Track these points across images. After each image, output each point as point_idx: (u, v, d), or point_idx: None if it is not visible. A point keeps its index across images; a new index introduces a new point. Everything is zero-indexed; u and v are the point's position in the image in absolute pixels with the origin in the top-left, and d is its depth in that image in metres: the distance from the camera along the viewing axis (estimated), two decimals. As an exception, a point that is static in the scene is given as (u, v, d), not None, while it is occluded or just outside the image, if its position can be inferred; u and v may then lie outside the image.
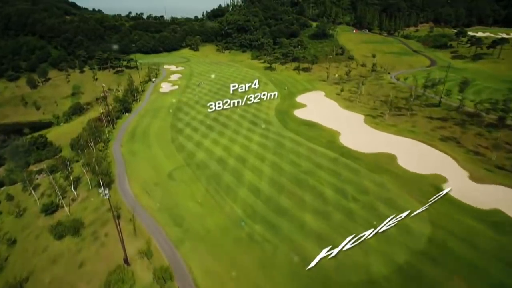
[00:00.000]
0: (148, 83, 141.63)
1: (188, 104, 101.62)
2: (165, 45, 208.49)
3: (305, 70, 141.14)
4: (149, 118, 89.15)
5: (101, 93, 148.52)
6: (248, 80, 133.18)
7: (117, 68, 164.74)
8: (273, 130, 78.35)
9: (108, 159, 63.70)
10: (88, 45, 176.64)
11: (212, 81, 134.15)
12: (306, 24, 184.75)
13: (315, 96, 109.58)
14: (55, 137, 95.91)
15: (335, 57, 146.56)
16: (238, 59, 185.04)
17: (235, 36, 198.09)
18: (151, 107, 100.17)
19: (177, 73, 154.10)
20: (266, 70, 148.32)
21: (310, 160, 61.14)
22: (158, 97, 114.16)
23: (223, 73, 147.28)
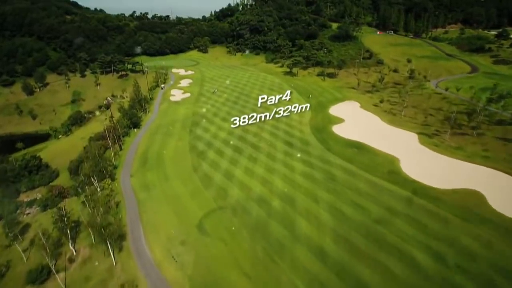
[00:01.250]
0: (156, 89, 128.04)
1: (206, 117, 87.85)
2: (172, 47, 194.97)
3: (330, 76, 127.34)
4: (162, 135, 75.37)
5: (104, 100, 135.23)
6: (268, 86, 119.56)
7: (121, 72, 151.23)
8: (315, 153, 64.52)
9: (117, 197, 49.91)
10: (89, 47, 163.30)
11: (228, 87, 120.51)
12: (325, 25, 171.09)
13: (349, 108, 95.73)
14: (51, 155, 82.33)
15: (362, 61, 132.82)
16: (252, 62, 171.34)
17: (248, 37, 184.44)
18: (163, 121, 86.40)
19: (187, 78, 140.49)
20: (286, 76, 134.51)
21: (377, 201, 47.32)
22: (170, 108, 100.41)
23: (238, 79, 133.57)
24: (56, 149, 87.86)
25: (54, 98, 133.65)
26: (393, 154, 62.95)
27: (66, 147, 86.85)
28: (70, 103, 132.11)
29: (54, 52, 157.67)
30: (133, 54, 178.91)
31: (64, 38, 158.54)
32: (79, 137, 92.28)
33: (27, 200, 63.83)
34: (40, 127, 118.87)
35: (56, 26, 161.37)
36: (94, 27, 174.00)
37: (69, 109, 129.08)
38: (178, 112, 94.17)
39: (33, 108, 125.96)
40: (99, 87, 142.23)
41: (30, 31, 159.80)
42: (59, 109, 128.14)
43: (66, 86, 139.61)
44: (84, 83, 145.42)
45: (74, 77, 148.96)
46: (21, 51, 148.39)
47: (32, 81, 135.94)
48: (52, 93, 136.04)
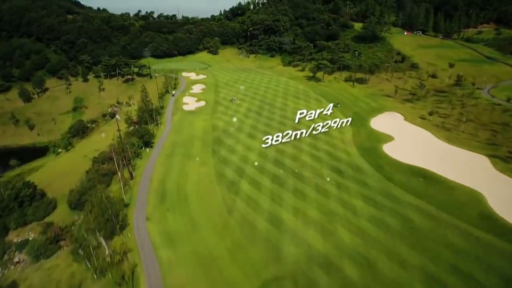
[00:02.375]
0: (166, 95, 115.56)
1: (228, 133, 75.14)
2: (180, 48, 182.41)
3: (359, 82, 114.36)
4: (180, 158, 62.68)
5: (109, 108, 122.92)
6: (292, 93, 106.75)
7: (126, 76, 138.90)
8: (374, 185, 51.68)
9: (131, 256, 37.29)
10: (92, 49, 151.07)
11: (247, 95, 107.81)
12: (346, 25, 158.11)
13: (393, 121, 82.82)
14: (49, 178, 70.15)
15: (393, 65, 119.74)
16: (267, 65, 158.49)
17: (262, 38, 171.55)
18: (178, 137, 73.70)
19: (199, 83, 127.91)
20: (310, 81, 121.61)
21: (486, 266, 34.50)
22: (184, 119, 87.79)
23: (256, 84, 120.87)
24: (55, 169, 75.48)
25: (53, 105, 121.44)
26: (472, 187, 50.16)
27: (66, 167, 74.47)
28: (71, 111, 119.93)
29: (54, 54, 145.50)
30: (139, 56, 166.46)
31: (65, 39, 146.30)
32: (81, 154, 79.91)
33: (17, 241, 51.84)
34: (38, 138, 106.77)
35: (56, 26, 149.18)
36: (97, 27, 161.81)
37: (70, 118, 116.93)
38: (195, 125, 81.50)
39: (30, 117, 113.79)
40: (102, 92, 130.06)
41: (29, 32, 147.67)
42: (59, 118, 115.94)
43: (67, 92, 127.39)
44: (87, 88, 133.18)
45: (75, 81, 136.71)
46: (18, 53, 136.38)
47: (29, 87, 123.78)
48: (52, 100, 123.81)
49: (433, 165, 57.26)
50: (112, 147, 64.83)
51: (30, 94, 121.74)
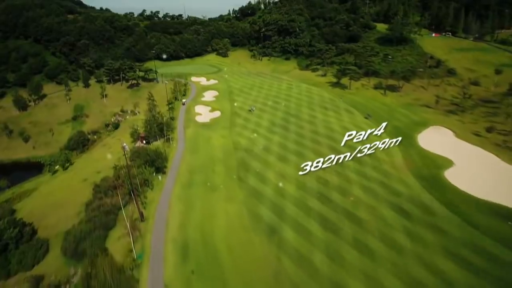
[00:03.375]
0: (175, 103, 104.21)
1: (254, 154, 63.61)
2: (187, 50, 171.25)
3: (391, 89, 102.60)
4: (200, 190, 51.18)
5: (112, 117, 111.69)
6: (318, 103, 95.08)
7: (131, 81, 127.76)
8: (456, 234, 39.97)
9: None
10: (94, 51, 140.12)
11: (266, 104, 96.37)
12: (368, 25, 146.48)
13: (443, 139, 71.06)
14: (41, 208, 58.99)
15: (427, 70, 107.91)
16: (283, 69, 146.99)
17: (275, 40, 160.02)
18: (195, 160, 62.16)
19: (211, 89, 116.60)
20: (334, 87, 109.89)
21: None
22: (199, 134, 76.34)
23: (275, 91, 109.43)
24: (49, 196, 64.14)
25: (51, 114, 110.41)
26: None
27: (63, 194, 63.10)
28: (70, 120, 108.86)
29: (53, 57, 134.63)
30: (144, 59, 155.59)
31: (65, 40, 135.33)
32: (81, 176, 68.57)
33: (-2, 302, 40.84)
34: (33, 152, 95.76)
35: (56, 27, 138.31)
36: (100, 27, 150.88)
37: (69, 128, 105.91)
38: (213, 143, 70.02)
39: (25, 127, 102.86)
40: (105, 99, 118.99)
41: (26, 33, 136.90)
42: (57, 128, 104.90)
43: (66, 99, 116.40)
44: (88, 95, 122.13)
45: (76, 87, 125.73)
46: (14, 56, 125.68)
47: (25, 93, 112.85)
48: (50, 108, 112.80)
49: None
50: (117, 180, 53.69)
51: (25, 101, 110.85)
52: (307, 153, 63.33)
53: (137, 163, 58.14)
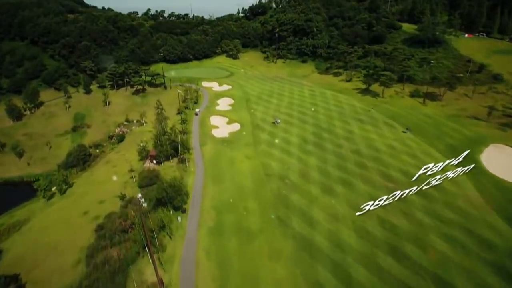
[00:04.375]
0: (187, 112, 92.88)
1: (291, 183, 52.20)
2: (196, 52, 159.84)
3: (431, 98, 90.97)
4: (233, 240, 39.75)
5: (116, 127, 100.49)
6: (350, 114, 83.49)
7: (136, 86, 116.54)
8: None
9: None
10: (96, 53, 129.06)
11: (291, 115, 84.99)
12: (393, 26, 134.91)
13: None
14: (32, 250, 48.21)
15: (467, 75, 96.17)
16: (300, 73, 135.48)
17: (291, 41, 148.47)
18: (220, 193, 50.61)
19: (225, 97, 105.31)
20: (364, 95, 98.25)
21: None
22: (220, 154, 64.99)
23: (297, 99, 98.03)
24: (43, 232, 53.11)
25: (49, 124, 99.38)
26: None
27: (59, 230, 52.04)
28: (70, 131, 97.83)
29: (51, 60, 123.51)
30: (149, 62, 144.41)
31: (65, 42, 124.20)
32: (81, 206, 57.59)
33: None
34: (28, 169, 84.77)
35: (54, 27, 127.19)
36: (102, 27, 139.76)
37: (68, 141, 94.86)
38: (238, 167, 58.69)
39: (19, 140, 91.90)
40: (108, 107, 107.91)
41: (22, 33, 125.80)
42: (55, 141, 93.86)
43: (65, 107, 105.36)
44: (90, 102, 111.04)
45: (76, 93, 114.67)
46: (8, 59, 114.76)
47: (20, 101, 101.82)
48: (47, 118, 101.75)
49: None
50: (124, 221, 42.57)
51: (20, 110, 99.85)
52: (356, 182, 51.95)
53: (151, 200, 46.69)
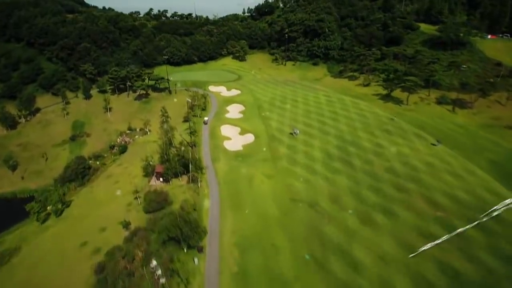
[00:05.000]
0: (195, 121, 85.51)
1: (323, 211, 44.89)
2: (200, 53, 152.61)
3: (460, 105, 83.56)
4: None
5: (118, 137, 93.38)
6: (375, 124, 76.03)
7: (140, 91, 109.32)
8: None
9: None
10: (97, 56, 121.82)
11: (310, 124, 77.63)
12: (410, 26, 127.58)
13: None
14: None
15: (498, 80, 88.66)
16: (312, 76, 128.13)
17: (301, 42, 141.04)
18: (241, 224, 43.24)
19: (235, 103, 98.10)
20: (386, 102, 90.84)
21: None
22: (236, 174, 57.64)
23: (312, 106, 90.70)
24: (35, 267, 45.86)
25: (45, 133, 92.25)
26: None
27: (53, 264, 44.82)
28: (68, 141, 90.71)
29: (49, 63, 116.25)
30: (153, 64, 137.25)
31: (63, 44, 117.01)
32: (78, 236, 50.42)
33: None
34: (22, 184, 77.84)
35: (52, 28, 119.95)
36: (103, 28, 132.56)
37: (66, 151, 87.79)
38: (258, 189, 51.38)
39: (13, 151, 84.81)
40: (109, 114, 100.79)
41: (18, 35, 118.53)
42: (52, 152, 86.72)
43: (63, 114, 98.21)
44: (89, 108, 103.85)
45: (75, 98, 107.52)
46: (3, 62, 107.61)
47: (14, 108, 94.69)
48: (43, 126, 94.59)
49: None
50: (130, 263, 35.39)
51: (15, 118, 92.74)
52: (398, 210, 44.65)
53: (160, 234, 39.27)
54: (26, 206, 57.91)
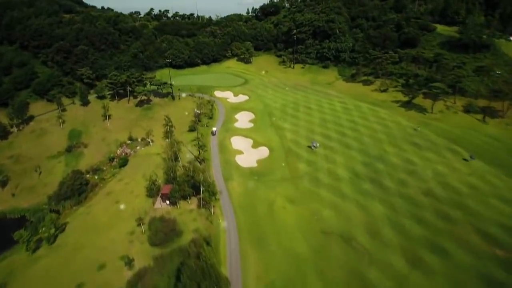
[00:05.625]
0: (201, 132, 78.49)
1: (361, 247, 38.19)
2: (204, 55, 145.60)
3: (490, 114, 76.94)
4: None
5: (118, 148, 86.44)
6: (400, 135, 69.30)
7: (140, 96, 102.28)
8: None
9: None
10: (95, 59, 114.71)
11: (330, 137, 70.74)
12: (426, 27, 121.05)
13: None
14: None
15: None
16: (322, 79, 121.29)
17: (310, 44, 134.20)
18: (266, 267, 36.60)
19: (244, 110, 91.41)
20: (408, 109, 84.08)
21: None
22: (253, 198, 50.80)
23: (329, 113, 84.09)
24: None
25: (39, 144, 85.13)
26: None
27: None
28: (64, 152, 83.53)
29: (43, 67, 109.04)
30: (154, 67, 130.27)
31: (59, 46, 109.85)
32: (73, 275, 43.55)
33: None
34: (13, 202, 70.67)
35: (47, 29, 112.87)
36: (101, 29, 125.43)
37: (62, 164, 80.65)
38: (281, 218, 44.57)
39: (4, 164, 77.74)
40: (108, 122, 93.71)
41: (10, 37, 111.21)
42: (47, 165, 79.59)
43: (59, 122, 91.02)
44: (87, 116, 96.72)
45: (71, 105, 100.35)
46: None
47: (6, 117, 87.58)
48: (37, 136, 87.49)
49: None
50: None
51: (6, 127, 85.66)
52: (449, 247, 37.96)
53: (170, 278, 32.51)
54: (14, 235, 50.86)
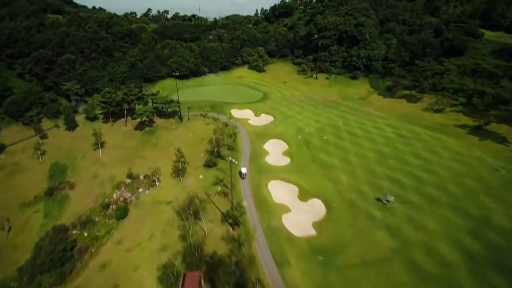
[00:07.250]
0: (222, 169, 59.99)
1: None
2: (211, 63, 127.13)
3: None
4: None
5: (115, 189, 67.21)
6: (494, 183, 51.92)
7: (142, 118, 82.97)
8: None
9: None
10: (84, 69, 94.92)
11: (401, 183, 53.03)
12: (472, 33, 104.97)
13: None
14: None
15: None
16: (353, 93, 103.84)
17: (335, 50, 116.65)
18: None
19: (272, 137, 73.69)
20: (482, 139, 66.87)
21: None
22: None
23: (382, 144, 66.60)
24: None
25: (10, 186, 65.25)
26: None
27: None
28: (43, 196, 63.80)
29: (20, 80, 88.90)
30: (155, 78, 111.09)
31: (39, 55, 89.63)
32: None
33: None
34: (-31, 276, 51.13)
35: (24, 34, 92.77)
36: (92, 34, 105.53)
37: (39, 215, 61.07)
38: None
39: (-41, 218, 57.90)
40: (101, 152, 74.19)
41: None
42: (19, 217, 59.88)
43: (37, 154, 71.23)
44: (74, 144, 77.19)
45: (54, 130, 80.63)
46: (-44, 81, 79.93)
47: (-34, 149, 67.79)
48: (8, 174, 67.54)
49: None
50: None
51: (-34, 163, 65.80)
52: None
53: None
54: None
